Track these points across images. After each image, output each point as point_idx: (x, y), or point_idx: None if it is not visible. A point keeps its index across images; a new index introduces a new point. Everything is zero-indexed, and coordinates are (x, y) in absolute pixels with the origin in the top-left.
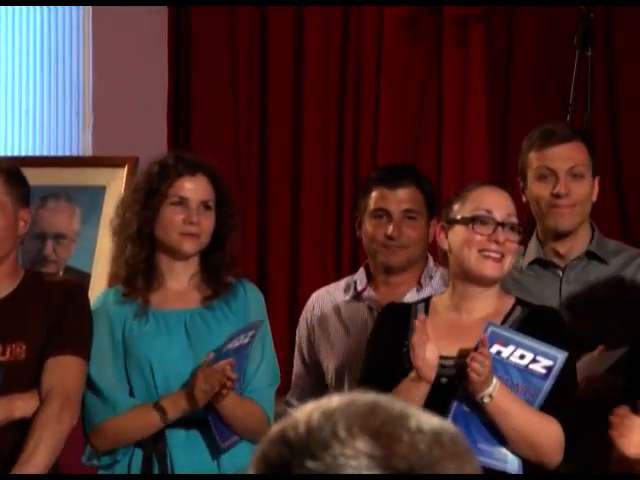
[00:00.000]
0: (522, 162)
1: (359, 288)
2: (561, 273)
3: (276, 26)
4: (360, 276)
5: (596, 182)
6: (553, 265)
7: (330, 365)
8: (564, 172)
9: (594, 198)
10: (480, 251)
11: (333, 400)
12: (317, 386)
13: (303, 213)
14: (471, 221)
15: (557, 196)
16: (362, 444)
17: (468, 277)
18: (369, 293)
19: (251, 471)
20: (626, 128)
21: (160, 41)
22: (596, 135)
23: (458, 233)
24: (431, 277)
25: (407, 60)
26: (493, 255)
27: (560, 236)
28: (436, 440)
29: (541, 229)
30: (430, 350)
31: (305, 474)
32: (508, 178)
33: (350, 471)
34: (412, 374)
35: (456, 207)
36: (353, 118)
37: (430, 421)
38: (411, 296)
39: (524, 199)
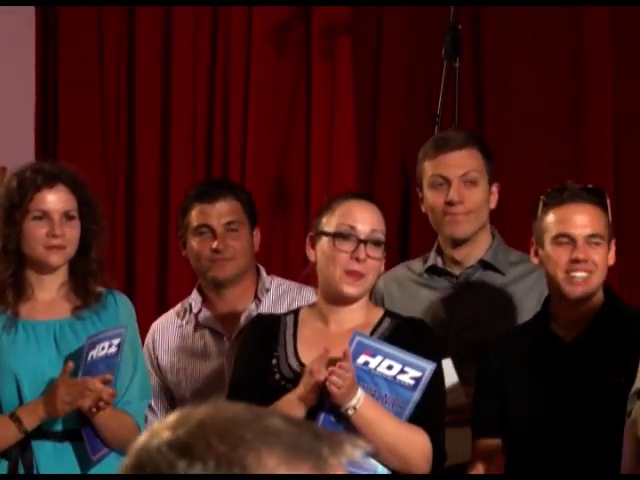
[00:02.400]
0: (418, 172)
1: (195, 310)
2: (455, 281)
3: (144, 28)
4: (194, 297)
5: (494, 189)
6: (447, 273)
7: (182, 393)
8: (457, 179)
9: (492, 205)
10: (344, 271)
11: (197, 410)
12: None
13: (171, 220)
14: (334, 236)
15: (450, 203)
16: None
17: (332, 292)
18: (205, 314)
19: None
20: (493, 139)
21: (27, 46)
22: None
23: (323, 247)
24: (267, 290)
25: (276, 68)
26: (356, 272)
27: (457, 244)
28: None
29: (441, 237)
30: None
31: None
32: (375, 189)
33: None
34: (300, 392)
35: (324, 219)
36: (222, 124)
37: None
38: (251, 312)
39: (423, 209)
